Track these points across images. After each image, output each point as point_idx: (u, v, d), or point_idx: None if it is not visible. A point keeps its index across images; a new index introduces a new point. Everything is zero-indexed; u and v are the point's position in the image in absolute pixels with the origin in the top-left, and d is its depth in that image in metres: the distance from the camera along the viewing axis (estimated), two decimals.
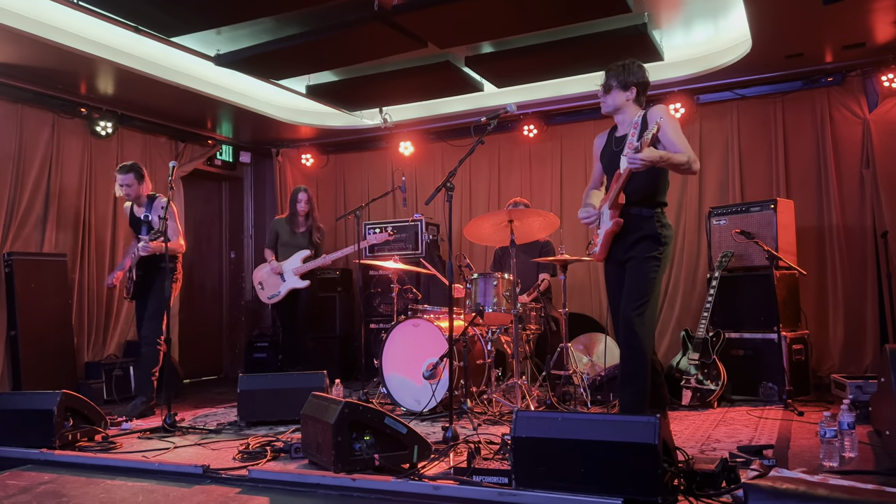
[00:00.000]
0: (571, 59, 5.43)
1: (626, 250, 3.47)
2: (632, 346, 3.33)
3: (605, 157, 3.65)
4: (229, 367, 7.77)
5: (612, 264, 3.58)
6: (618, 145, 3.53)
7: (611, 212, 3.45)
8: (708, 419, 4.24)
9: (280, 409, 4.34)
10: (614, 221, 3.42)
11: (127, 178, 4.96)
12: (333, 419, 2.94)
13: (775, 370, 4.80)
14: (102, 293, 6.20)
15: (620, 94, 3.50)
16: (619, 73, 3.51)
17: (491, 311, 4.57)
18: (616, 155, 3.52)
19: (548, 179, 6.87)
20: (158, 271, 4.89)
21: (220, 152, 7.51)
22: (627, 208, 3.45)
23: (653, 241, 3.42)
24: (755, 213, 5.25)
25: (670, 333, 6.13)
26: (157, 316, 4.90)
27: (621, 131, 3.56)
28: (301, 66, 5.62)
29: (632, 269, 3.43)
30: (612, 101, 3.53)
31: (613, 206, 3.44)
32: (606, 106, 3.56)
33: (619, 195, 3.39)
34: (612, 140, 3.60)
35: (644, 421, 2.46)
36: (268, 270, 5.86)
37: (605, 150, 3.65)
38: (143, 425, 4.37)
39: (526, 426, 2.63)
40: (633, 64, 3.53)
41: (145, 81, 5.52)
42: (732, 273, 5.28)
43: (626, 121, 3.53)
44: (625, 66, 3.53)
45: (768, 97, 5.98)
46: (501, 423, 4.13)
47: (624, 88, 3.49)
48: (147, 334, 4.93)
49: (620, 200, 3.41)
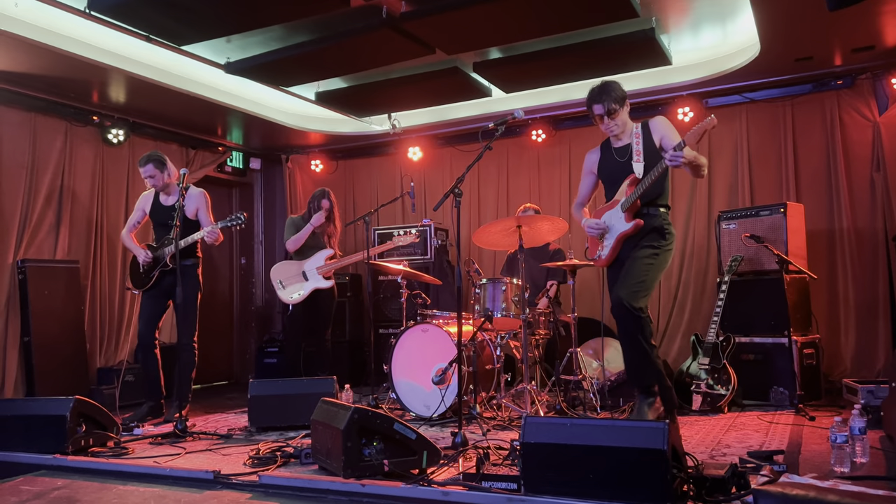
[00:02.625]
0: (579, 63, 5.43)
1: (633, 248, 3.64)
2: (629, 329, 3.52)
3: (605, 169, 3.82)
4: (240, 373, 7.81)
5: (618, 266, 3.69)
6: (622, 156, 3.69)
7: (626, 214, 3.61)
8: (718, 424, 4.22)
9: (290, 414, 4.35)
10: (633, 223, 3.55)
11: (147, 168, 4.89)
12: (343, 425, 2.95)
13: (786, 375, 4.77)
14: (115, 299, 6.25)
15: (623, 110, 3.70)
16: (610, 95, 3.68)
17: (500, 315, 4.57)
18: (622, 165, 3.69)
19: (556, 184, 6.88)
20: (186, 268, 4.81)
21: (230, 159, 7.56)
22: (641, 210, 3.65)
23: (657, 233, 3.66)
24: (765, 217, 5.23)
25: (680, 338, 6.11)
26: (193, 315, 4.86)
27: (621, 142, 3.72)
28: (310, 73, 5.65)
29: (630, 259, 3.61)
30: (623, 119, 3.72)
31: (629, 210, 3.59)
32: (617, 127, 3.73)
33: (636, 199, 3.56)
34: (611, 152, 3.75)
35: (653, 426, 2.46)
36: (288, 267, 5.63)
37: (605, 162, 3.81)
38: (154, 431, 4.40)
39: (535, 432, 2.64)
40: (610, 83, 3.73)
41: (156, 90, 5.57)
42: (742, 277, 5.26)
43: (627, 132, 3.71)
44: (605, 87, 3.71)
45: (777, 100, 5.96)
46: (510, 429, 4.13)
47: (622, 105, 3.69)
48: (186, 340, 4.80)
49: (637, 203, 3.58)
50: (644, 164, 3.57)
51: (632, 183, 3.60)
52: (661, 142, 3.61)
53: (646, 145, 3.62)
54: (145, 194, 5.14)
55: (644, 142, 3.63)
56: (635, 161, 3.58)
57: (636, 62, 5.51)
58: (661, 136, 3.63)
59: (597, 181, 3.93)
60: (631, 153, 3.62)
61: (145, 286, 4.93)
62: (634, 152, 3.60)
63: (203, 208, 4.95)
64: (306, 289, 5.55)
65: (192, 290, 4.88)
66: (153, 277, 4.89)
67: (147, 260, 4.92)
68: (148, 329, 4.92)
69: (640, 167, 3.56)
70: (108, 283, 6.19)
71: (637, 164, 3.57)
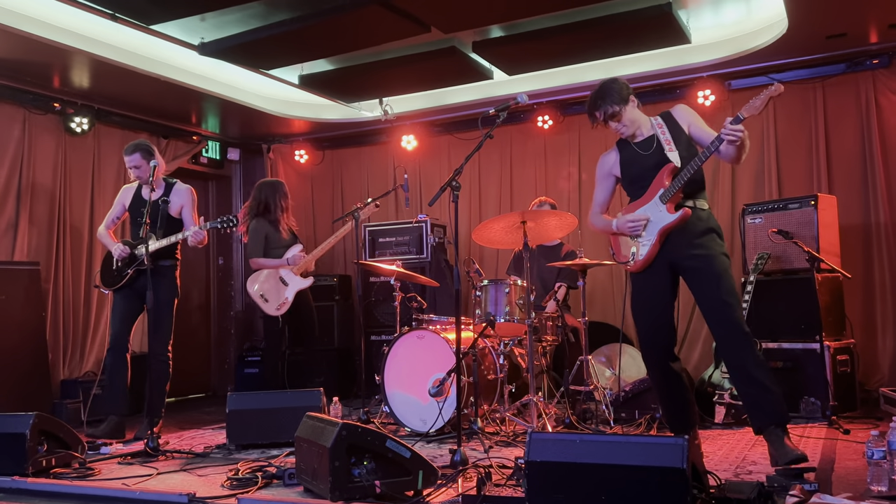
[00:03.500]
0: (589, 42, 5.42)
1: (689, 247, 3.48)
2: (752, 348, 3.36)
3: (629, 167, 3.70)
4: (218, 384, 7.80)
5: (655, 270, 3.56)
6: (647, 148, 3.62)
7: (668, 206, 3.50)
8: (743, 439, 4.22)
9: (273, 430, 4.33)
10: (681, 213, 3.45)
11: (133, 158, 4.85)
12: (330, 442, 2.94)
13: (818, 384, 4.77)
14: (80, 304, 6.24)
15: (629, 108, 3.61)
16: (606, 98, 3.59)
17: (503, 320, 4.56)
18: (650, 156, 3.60)
19: (565, 175, 6.87)
20: (162, 271, 4.80)
21: (205, 149, 7.55)
22: (683, 202, 3.52)
23: (718, 235, 3.54)
24: (794, 211, 5.22)
25: (701, 344, 6.11)
26: (168, 323, 4.85)
27: (642, 137, 3.66)
28: (293, 55, 5.63)
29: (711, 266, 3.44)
30: (630, 117, 3.63)
31: (672, 201, 3.50)
32: (626, 127, 3.65)
33: (679, 189, 3.48)
34: (632, 148, 3.68)
35: (671, 442, 2.46)
36: (265, 278, 5.58)
37: (628, 160, 3.69)
38: (123, 450, 4.39)
39: (542, 449, 2.63)
40: (604, 85, 3.63)
41: (124, 73, 5.55)
42: (769, 276, 5.25)
43: (643, 126, 3.66)
44: (600, 90, 3.62)
45: (807, 82, 5.95)
46: (515, 445, 4.12)
47: (625, 103, 3.60)
48: (159, 349, 4.80)
49: (680, 193, 3.50)
50: (678, 152, 3.51)
51: (670, 173, 3.51)
52: (689, 129, 3.57)
53: (674, 134, 3.58)
54: (127, 187, 5.14)
55: (671, 131, 3.58)
56: (668, 150, 3.53)
57: (652, 40, 5.50)
58: (687, 123, 3.60)
59: (615, 185, 3.84)
60: (658, 144, 3.57)
61: (116, 285, 4.91)
62: (664, 142, 3.55)
63: (189, 206, 4.96)
64: (290, 295, 5.52)
65: (169, 294, 4.87)
66: (126, 276, 4.87)
67: (123, 255, 4.89)
68: (123, 328, 4.89)
69: (675, 155, 3.50)
70: (73, 287, 6.18)
71: (671, 152, 3.52)
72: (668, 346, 3.60)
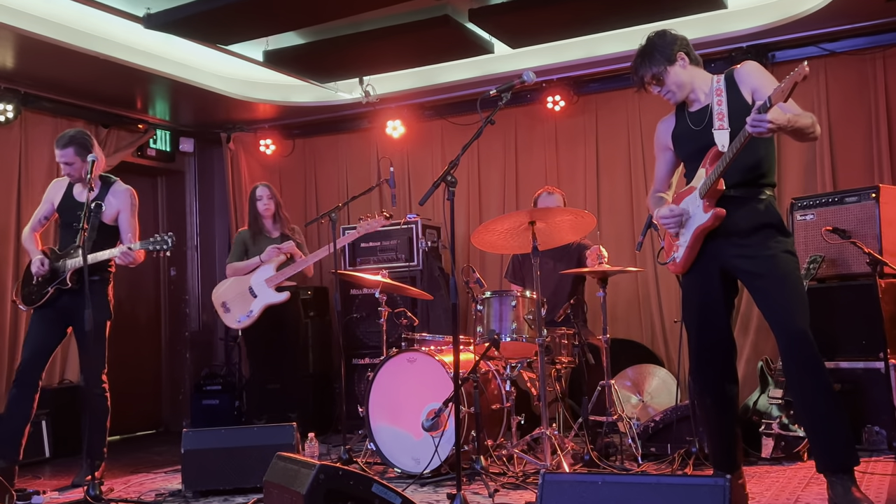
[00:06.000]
0: (607, 8, 5.44)
1: (737, 247, 3.44)
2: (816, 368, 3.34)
3: (681, 141, 3.66)
4: (170, 419, 7.79)
5: (702, 273, 3.54)
6: (698, 122, 3.55)
7: (704, 202, 3.43)
8: (796, 476, 4.22)
9: (237, 474, 4.33)
10: (712, 213, 3.39)
11: (66, 153, 4.77)
12: (305, 488, 2.94)
13: (883, 409, 4.78)
14: (4, 325, 6.22)
15: (675, 69, 3.53)
16: (647, 58, 3.54)
17: (509, 339, 4.56)
18: (701, 134, 3.53)
19: (580, 165, 6.89)
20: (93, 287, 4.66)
21: (154, 139, 7.54)
22: (728, 193, 3.43)
23: (778, 231, 3.44)
24: (851, 205, 5.24)
25: (744, 364, 6.09)
26: (100, 348, 4.79)
27: (698, 105, 3.59)
28: (257, 27, 5.64)
29: (769, 268, 3.38)
30: (676, 81, 3.55)
31: (709, 196, 3.42)
32: (675, 94, 3.58)
33: (718, 180, 3.39)
34: (687, 118, 3.61)
35: (710, 483, 2.47)
36: (231, 285, 5.73)
37: (680, 133, 3.65)
38: (59, 498, 4.38)
39: (557, 492, 2.64)
40: (648, 42, 3.56)
41: (55, 51, 5.55)
42: (823, 283, 5.27)
43: (703, 89, 3.57)
44: (644, 48, 3.56)
45: (865, 52, 5.98)
46: (525, 488, 4.12)
47: (672, 62, 3.52)
48: (92, 380, 4.74)
49: (719, 187, 3.40)
50: (730, 131, 3.40)
51: (714, 159, 3.42)
52: (752, 96, 3.45)
53: (732, 105, 3.45)
54: (57, 181, 5.07)
55: (729, 100, 3.45)
56: (717, 129, 3.41)
57: (680, 5, 5.52)
58: (752, 87, 3.46)
59: (676, 159, 3.78)
60: (710, 118, 3.47)
61: (35, 303, 4.85)
62: (716, 116, 3.43)
63: (127, 212, 4.93)
64: (255, 308, 5.54)
65: (99, 315, 4.71)
66: (46, 294, 4.81)
67: (40, 272, 4.82)
68: (34, 359, 4.80)
69: (723, 136, 3.38)
70: None
71: (720, 131, 3.40)
72: (724, 364, 3.57)
